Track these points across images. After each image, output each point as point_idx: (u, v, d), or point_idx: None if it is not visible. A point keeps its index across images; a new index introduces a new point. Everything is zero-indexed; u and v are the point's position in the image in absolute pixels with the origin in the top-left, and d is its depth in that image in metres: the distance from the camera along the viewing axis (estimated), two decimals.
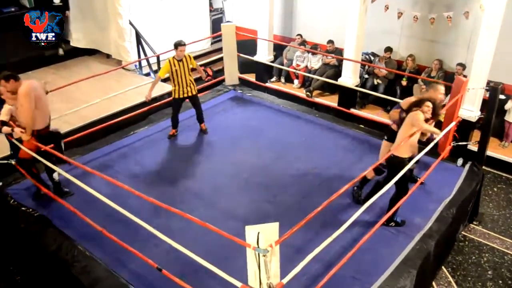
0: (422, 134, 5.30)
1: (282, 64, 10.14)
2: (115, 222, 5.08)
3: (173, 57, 6.92)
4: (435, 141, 5.89)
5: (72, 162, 5.38)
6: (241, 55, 9.05)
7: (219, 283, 4.01)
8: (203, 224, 3.91)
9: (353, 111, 8.56)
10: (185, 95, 7.12)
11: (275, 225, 3.25)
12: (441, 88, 5.59)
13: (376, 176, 5.66)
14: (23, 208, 5.59)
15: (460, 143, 6.65)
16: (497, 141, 7.88)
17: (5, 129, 5.31)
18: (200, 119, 7.52)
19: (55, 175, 5.74)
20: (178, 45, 6.85)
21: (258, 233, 3.13)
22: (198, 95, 7.45)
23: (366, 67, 9.24)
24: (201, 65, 10.60)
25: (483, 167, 6.57)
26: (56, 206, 5.62)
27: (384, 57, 9.04)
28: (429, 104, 5.08)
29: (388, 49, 9.06)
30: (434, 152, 6.20)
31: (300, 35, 10.23)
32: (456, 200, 5.74)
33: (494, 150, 7.66)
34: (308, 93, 9.50)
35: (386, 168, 5.34)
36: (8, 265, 5.82)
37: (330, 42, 9.60)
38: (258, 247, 3.17)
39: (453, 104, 6.18)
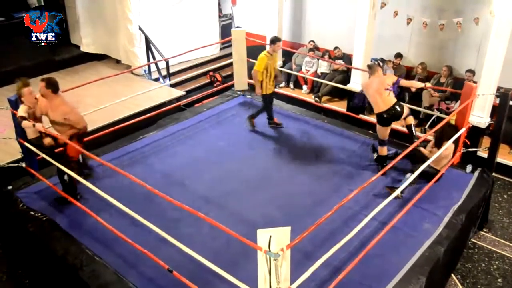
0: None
1: (291, 70, 10.16)
2: (125, 226, 5.09)
3: (267, 52, 7.20)
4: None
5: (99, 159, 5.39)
6: (251, 60, 9.05)
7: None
8: (216, 225, 3.91)
9: (362, 116, 8.54)
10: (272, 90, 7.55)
11: (287, 230, 3.25)
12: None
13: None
14: (32, 212, 5.62)
15: (469, 150, 6.61)
16: (507, 148, 7.81)
17: (26, 123, 5.33)
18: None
19: (66, 177, 5.72)
20: (276, 40, 7.12)
21: (270, 236, 3.12)
22: (206, 100, 7.46)
23: None
24: (210, 71, 10.76)
25: (493, 174, 6.53)
26: (65, 210, 5.66)
27: (393, 63, 9.02)
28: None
29: (398, 55, 9.07)
30: None
31: (313, 41, 10.24)
32: (465, 207, 5.70)
33: (504, 157, 7.59)
34: (317, 98, 9.51)
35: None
36: (17, 269, 5.85)
37: (337, 48, 9.66)
38: (270, 251, 3.16)
39: (463, 110, 6.16)
